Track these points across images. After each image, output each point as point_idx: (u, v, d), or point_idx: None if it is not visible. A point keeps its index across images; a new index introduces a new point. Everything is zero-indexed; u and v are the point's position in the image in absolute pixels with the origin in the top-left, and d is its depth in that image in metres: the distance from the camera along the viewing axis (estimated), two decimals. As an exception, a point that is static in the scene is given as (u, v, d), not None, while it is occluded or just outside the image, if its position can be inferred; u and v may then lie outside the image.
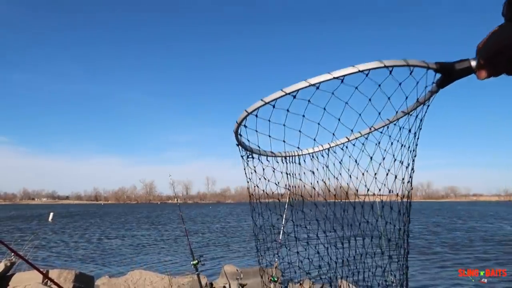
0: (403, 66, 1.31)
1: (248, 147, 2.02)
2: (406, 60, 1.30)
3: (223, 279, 7.66)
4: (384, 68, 1.30)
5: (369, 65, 1.28)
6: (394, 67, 1.30)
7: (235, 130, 1.81)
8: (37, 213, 61.88)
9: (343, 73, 1.28)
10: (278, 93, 1.40)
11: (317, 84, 1.32)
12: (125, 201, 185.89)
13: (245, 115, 1.61)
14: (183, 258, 15.24)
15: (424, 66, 1.33)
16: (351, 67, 1.27)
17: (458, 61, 1.31)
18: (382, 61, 1.28)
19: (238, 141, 1.93)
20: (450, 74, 1.35)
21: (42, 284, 6.48)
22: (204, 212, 62.47)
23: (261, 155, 2.11)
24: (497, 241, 20.04)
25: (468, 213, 52.91)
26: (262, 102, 1.48)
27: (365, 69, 1.27)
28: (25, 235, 20.71)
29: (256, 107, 1.53)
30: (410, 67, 1.32)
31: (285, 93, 1.38)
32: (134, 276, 7.85)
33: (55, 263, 14.43)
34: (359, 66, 1.27)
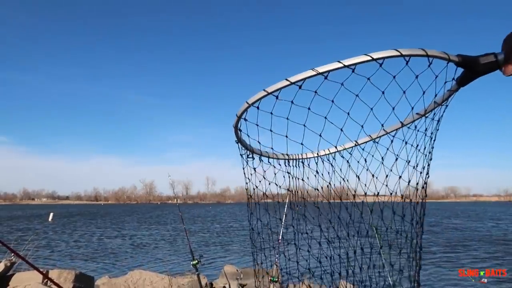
0: (421, 56, 1.18)
1: (249, 146, 1.88)
2: (424, 49, 1.16)
3: (223, 279, 7.66)
4: (399, 58, 1.17)
5: (384, 53, 1.15)
6: (411, 57, 1.17)
7: (234, 124, 1.67)
8: (37, 213, 61.86)
9: (354, 61, 1.16)
10: (282, 82, 1.28)
11: (325, 73, 1.20)
12: (125, 201, 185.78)
13: (246, 107, 1.48)
14: (183, 258, 15.22)
15: (445, 58, 1.20)
16: (363, 55, 1.15)
17: (483, 55, 1.19)
18: (399, 50, 1.14)
19: (238, 137, 1.79)
20: (474, 69, 1.21)
21: (42, 284, 6.47)
22: (204, 212, 62.44)
23: (262, 156, 1.97)
24: (492, 241, 20.03)
25: (466, 213, 52.88)
26: (264, 92, 1.35)
27: (379, 58, 1.15)
28: (25, 235, 20.72)
29: (258, 97, 1.40)
30: (429, 57, 1.19)
31: (290, 83, 1.26)
32: (134, 276, 7.84)
33: (55, 263, 14.43)
34: (372, 54, 1.14)
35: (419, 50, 1.15)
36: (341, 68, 1.17)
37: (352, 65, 1.17)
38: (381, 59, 1.15)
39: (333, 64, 1.17)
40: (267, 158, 2.01)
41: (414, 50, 1.16)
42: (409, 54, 1.16)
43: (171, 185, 6.44)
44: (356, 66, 1.18)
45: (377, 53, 1.14)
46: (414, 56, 1.17)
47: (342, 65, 1.16)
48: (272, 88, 1.32)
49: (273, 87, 1.31)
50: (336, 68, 1.18)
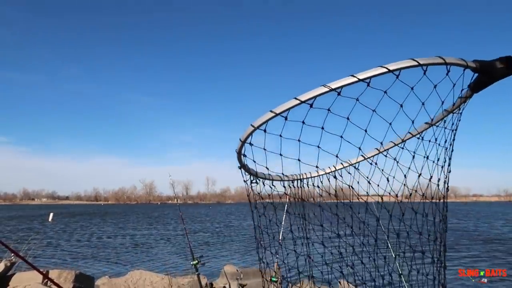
0: (439, 65, 1.12)
1: (253, 171, 1.75)
2: (442, 57, 1.11)
3: (223, 279, 7.66)
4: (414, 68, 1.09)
5: (401, 64, 1.08)
6: (428, 66, 1.11)
7: (238, 150, 1.53)
8: (37, 213, 61.85)
9: (370, 74, 1.08)
10: (292, 102, 1.16)
11: (338, 89, 1.11)
12: (125, 201, 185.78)
13: (251, 130, 1.33)
14: (183, 258, 15.23)
15: (462, 65, 1.15)
16: (379, 67, 1.08)
17: (498, 58, 1.13)
18: (416, 59, 1.09)
19: (241, 163, 1.64)
20: (490, 74, 1.15)
21: (42, 285, 6.47)
22: (204, 213, 62.44)
23: (267, 179, 1.85)
24: (492, 241, 20.03)
25: (464, 214, 52.86)
26: (272, 113, 1.21)
27: (396, 69, 1.08)
28: (25, 235, 20.70)
29: (264, 119, 1.26)
30: (447, 65, 1.13)
31: (300, 101, 1.14)
32: (134, 276, 7.84)
33: (55, 263, 14.42)
34: (389, 66, 1.07)
35: (437, 59, 1.11)
36: (355, 82, 1.10)
37: (367, 78, 1.09)
38: (398, 70, 1.09)
39: (346, 78, 1.10)
40: (271, 181, 1.89)
41: (432, 59, 1.11)
42: (427, 63, 1.10)
43: (172, 185, 6.44)
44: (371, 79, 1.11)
45: (393, 64, 1.08)
46: (432, 64, 1.11)
47: (356, 79, 1.09)
48: (280, 108, 1.20)
49: (281, 107, 1.20)
50: (350, 83, 1.10)
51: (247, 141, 1.44)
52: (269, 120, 1.26)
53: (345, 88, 1.12)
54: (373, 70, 1.09)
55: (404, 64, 1.08)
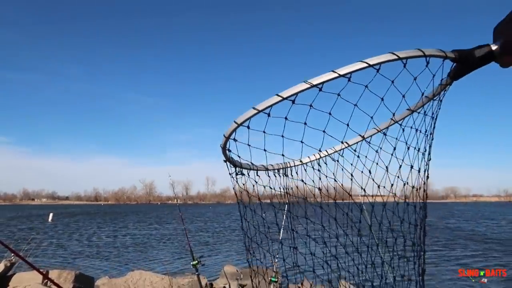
0: (419, 57, 1.14)
1: (238, 162, 1.80)
2: (421, 49, 1.13)
3: (223, 279, 7.66)
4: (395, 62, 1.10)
5: (381, 58, 1.09)
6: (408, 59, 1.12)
7: (222, 145, 1.57)
8: (37, 214, 61.87)
9: (350, 69, 1.10)
10: (273, 98, 1.19)
11: (319, 85, 1.12)
12: (125, 201, 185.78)
13: (235, 127, 1.37)
14: (183, 258, 15.23)
15: (442, 56, 1.16)
16: (359, 62, 1.09)
17: (477, 47, 1.15)
18: (395, 53, 1.10)
19: (226, 157, 1.70)
20: (469, 62, 1.18)
21: (42, 285, 6.48)
22: (204, 213, 62.46)
23: (252, 170, 1.91)
24: (492, 241, 20.04)
25: (463, 214, 52.89)
26: (254, 110, 1.25)
27: (376, 63, 1.09)
28: (25, 236, 20.70)
29: (247, 117, 1.30)
30: (427, 57, 1.15)
31: (282, 98, 1.17)
32: (134, 277, 7.85)
33: (55, 264, 14.42)
34: (369, 60, 1.09)
35: (416, 51, 1.13)
36: (336, 78, 1.12)
37: (347, 73, 1.11)
38: (378, 64, 1.10)
39: (327, 74, 1.12)
40: (256, 171, 1.93)
41: (411, 52, 1.12)
42: (406, 57, 1.12)
43: (171, 185, 6.44)
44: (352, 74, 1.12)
45: (373, 59, 1.09)
46: (412, 57, 1.13)
47: (337, 74, 1.11)
48: (262, 105, 1.22)
49: (263, 104, 1.22)
50: (331, 78, 1.12)
51: (231, 137, 1.49)
52: (252, 117, 1.29)
53: (328, 83, 1.14)
54: (354, 65, 1.10)
55: (384, 58, 1.09)
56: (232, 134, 1.45)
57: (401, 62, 1.13)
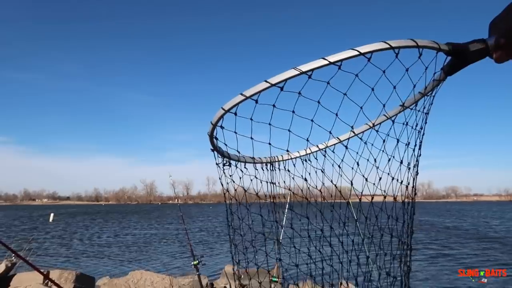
0: (412, 47, 1.10)
1: (225, 152, 1.77)
2: (414, 40, 1.09)
3: (223, 279, 7.67)
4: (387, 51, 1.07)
5: (372, 46, 1.06)
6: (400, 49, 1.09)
7: (209, 133, 1.54)
8: (38, 214, 61.90)
9: (340, 57, 1.06)
10: (262, 84, 1.15)
11: (309, 72, 1.09)
12: (125, 201, 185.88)
13: (222, 113, 1.35)
14: (184, 258, 15.24)
15: (435, 48, 1.13)
16: (350, 50, 1.06)
17: (471, 41, 1.11)
18: (387, 42, 1.06)
19: (214, 145, 1.66)
20: (463, 57, 1.14)
21: (42, 285, 6.48)
22: (205, 213, 62.44)
23: (240, 162, 1.87)
24: (491, 240, 20.02)
25: (461, 213, 52.86)
26: (242, 96, 1.22)
27: (367, 52, 1.06)
28: (26, 236, 20.73)
29: (234, 103, 1.26)
30: (420, 48, 1.11)
31: (270, 84, 1.13)
32: (135, 277, 7.85)
33: (56, 264, 14.43)
34: (360, 49, 1.05)
35: (409, 41, 1.09)
36: (326, 65, 1.08)
37: (338, 61, 1.07)
38: (369, 53, 1.06)
39: (317, 61, 1.08)
40: (244, 163, 1.89)
41: (404, 42, 1.09)
42: (398, 46, 1.08)
43: (172, 185, 6.44)
44: (343, 62, 1.08)
45: (364, 47, 1.06)
46: (404, 47, 1.10)
47: (327, 62, 1.07)
48: (250, 91, 1.19)
49: (251, 90, 1.19)
50: (320, 65, 1.08)
51: (218, 124, 1.45)
52: (239, 103, 1.25)
53: (319, 71, 1.10)
54: (344, 53, 1.06)
55: (376, 47, 1.06)
56: (219, 121, 1.41)
57: (393, 51, 1.10)
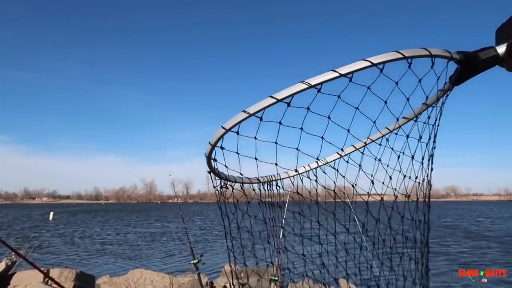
0: (424, 57, 1.07)
1: (223, 174, 1.66)
2: (428, 49, 1.05)
3: (223, 278, 7.67)
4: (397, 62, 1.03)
5: (385, 56, 1.01)
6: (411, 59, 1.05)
7: (207, 154, 1.42)
8: (38, 213, 61.91)
9: (352, 68, 1.01)
10: (267, 100, 1.06)
11: (318, 85, 1.03)
12: (125, 200, 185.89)
13: (222, 133, 1.22)
14: (184, 257, 15.24)
15: (447, 57, 1.10)
16: (362, 61, 1.01)
17: (481, 49, 1.08)
18: (400, 51, 1.02)
19: (211, 167, 1.53)
20: (473, 65, 1.11)
21: (43, 283, 6.48)
22: (205, 212, 62.46)
23: (238, 183, 1.78)
24: (492, 240, 20.03)
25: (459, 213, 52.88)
26: (245, 114, 1.11)
27: (380, 62, 1.01)
28: (26, 234, 20.73)
29: (237, 121, 1.15)
30: (433, 57, 1.08)
31: (276, 100, 1.05)
32: (134, 275, 7.85)
33: (56, 262, 14.44)
34: (372, 59, 1.01)
35: (422, 50, 1.05)
36: (337, 78, 1.01)
37: (349, 73, 1.01)
38: (382, 63, 1.02)
39: (327, 74, 1.02)
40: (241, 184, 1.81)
41: (417, 51, 1.05)
42: (412, 56, 1.04)
43: (172, 184, 6.43)
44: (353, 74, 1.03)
45: (377, 57, 1.01)
46: (417, 57, 1.06)
47: (337, 74, 1.01)
48: (254, 108, 1.09)
49: (255, 107, 1.08)
50: (331, 78, 1.02)
51: (217, 145, 1.33)
52: (242, 121, 1.14)
53: (326, 84, 1.04)
54: (356, 64, 1.01)
55: (389, 57, 1.02)
56: (219, 141, 1.30)
57: (406, 61, 1.06)
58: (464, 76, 1.18)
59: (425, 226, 1.62)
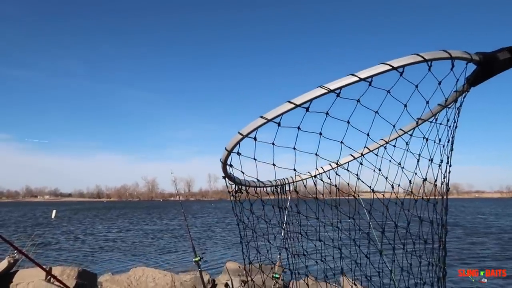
0: (445, 59, 1.06)
1: (237, 179, 1.66)
2: (447, 51, 1.04)
3: (225, 275, 7.68)
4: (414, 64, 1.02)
5: (405, 60, 1.00)
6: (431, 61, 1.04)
7: (223, 160, 1.40)
8: (40, 211, 62.10)
9: (371, 72, 0.99)
10: (285, 105, 1.05)
11: (337, 90, 1.01)
12: (127, 198, 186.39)
13: (239, 138, 1.22)
14: (186, 255, 15.27)
15: (466, 58, 1.09)
16: (381, 65, 1.00)
17: (500, 50, 1.08)
18: (421, 54, 1.02)
19: (226, 173, 1.53)
20: (491, 66, 1.10)
21: (45, 281, 6.50)
22: (206, 209, 62.57)
23: (251, 187, 1.78)
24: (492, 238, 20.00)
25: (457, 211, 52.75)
26: (263, 120, 1.10)
27: (400, 66, 1.00)
28: (28, 232, 20.80)
29: (254, 127, 1.14)
30: (453, 59, 1.07)
31: (295, 105, 1.04)
32: (136, 273, 7.87)
33: (58, 260, 14.49)
34: (392, 63, 0.99)
35: (442, 53, 1.04)
36: (356, 82, 1.00)
37: (368, 77, 1.00)
38: (402, 67, 1.00)
39: (346, 78, 1.00)
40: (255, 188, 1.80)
41: (437, 53, 1.04)
42: (432, 58, 1.03)
43: (174, 182, 6.44)
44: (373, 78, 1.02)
45: (397, 61, 1.00)
46: (437, 59, 1.05)
47: (357, 78, 0.99)
48: (272, 114, 1.08)
49: (273, 112, 1.07)
50: (350, 83, 1.01)
51: (233, 151, 1.31)
52: (259, 127, 1.14)
53: (344, 88, 1.03)
54: (375, 68, 1.00)
55: (409, 60, 1.01)
56: (235, 147, 1.28)
57: (426, 64, 1.05)
58: (482, 77, 1.17)
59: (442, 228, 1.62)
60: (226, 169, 1.47)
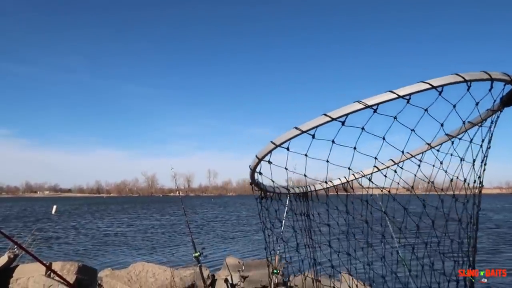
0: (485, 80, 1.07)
1: (262, 185, 1.70)
2: (488, 72, 1.06)
3: (225, 271, 7.70)
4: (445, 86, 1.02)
5: (445, 79, 1.01)
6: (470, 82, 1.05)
7: (252, 167, 1.43)
8: (40, 206, 62.22)
9: (410, 90, 1.01)
10: (321, 118, 1.07)
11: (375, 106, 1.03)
12: (127, 194, 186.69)
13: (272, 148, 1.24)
14: (185, 250, 15.32)
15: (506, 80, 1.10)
16: (421, 83, 1.01)
17: None
18: (460, 74, 1.02)
19: (254, 180, 1.57)
20: None
21: (45, 276, 6.52)
22: (206, 205, 62.70)
23: (276, 193, 1.83)
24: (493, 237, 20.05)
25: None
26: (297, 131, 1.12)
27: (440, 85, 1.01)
28: (28, 228, 20.86)
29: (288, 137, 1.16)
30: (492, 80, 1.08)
31: (330, 119, 1.06)
32: (136, 268, 7.89)
33: (58, 255, 14.54)
34: (432, 82, 1.01)
35: (482, 74, 1.05)
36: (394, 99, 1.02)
37: (407, 95, 1.02)
38: (441, 86, 1.02)
39: (384, 94, 1.02)
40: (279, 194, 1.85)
41: (477, 74, 1.05)
42: (472, 79, 1.04)
43: (173, 178, 6.44)
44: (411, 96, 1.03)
45: (436, 80, 1.01)
46: (477, 80, 1.05)
47: (396, 95, 1.01)
48: (307, 125, 1.10)
49: (309, 124, 1.09)
50: (388, 99, 1.02)
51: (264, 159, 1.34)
52: (293, 138, 1.16)
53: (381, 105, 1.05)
54: (414, 86, 1.02)
55: (449, 80, 1.02)
56: (266, 155, 1.30)
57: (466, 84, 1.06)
58: None
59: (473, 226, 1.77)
60: (254, 176, 1.50)
